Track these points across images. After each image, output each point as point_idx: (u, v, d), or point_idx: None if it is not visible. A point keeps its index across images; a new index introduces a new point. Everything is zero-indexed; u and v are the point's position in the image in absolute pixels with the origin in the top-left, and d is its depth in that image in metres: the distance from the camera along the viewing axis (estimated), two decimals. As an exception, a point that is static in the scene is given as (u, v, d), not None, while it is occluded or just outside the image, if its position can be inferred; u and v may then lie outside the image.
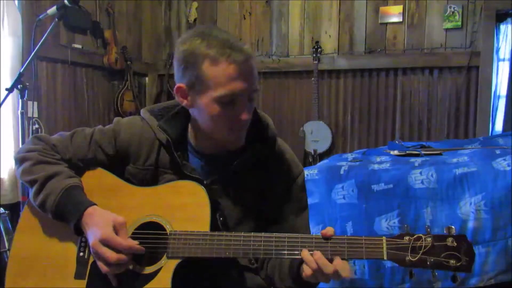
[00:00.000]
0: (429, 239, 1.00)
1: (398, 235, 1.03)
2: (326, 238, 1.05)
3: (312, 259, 1.03)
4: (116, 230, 1.11)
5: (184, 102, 1.17)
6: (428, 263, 0.99)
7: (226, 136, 1.17)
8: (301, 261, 1.08)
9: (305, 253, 1.05)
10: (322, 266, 1.02)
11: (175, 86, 1.17)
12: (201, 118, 1.17)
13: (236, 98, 1.11)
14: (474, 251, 0.99)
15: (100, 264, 1.10)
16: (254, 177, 1.23)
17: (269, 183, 1.24)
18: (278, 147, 1.28)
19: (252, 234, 1.09)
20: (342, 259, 1.04)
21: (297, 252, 1.06)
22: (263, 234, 1.09)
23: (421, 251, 0.99)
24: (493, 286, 1.93)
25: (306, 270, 1.05)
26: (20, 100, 2.34)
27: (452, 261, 0.98)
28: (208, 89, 1.10)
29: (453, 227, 1.01)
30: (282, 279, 1.21)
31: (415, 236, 1.01)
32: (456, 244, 0.99)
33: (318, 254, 1.04)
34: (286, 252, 1.07)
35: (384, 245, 1.02)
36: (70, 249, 1.20)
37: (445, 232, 1.01)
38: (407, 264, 1.00)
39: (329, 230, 1.06)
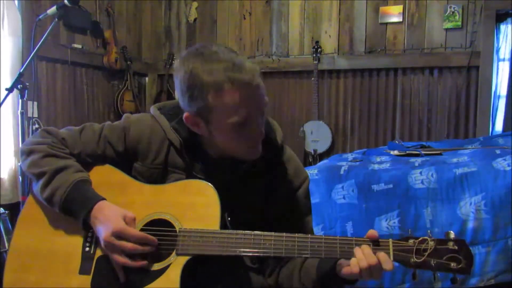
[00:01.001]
0: (432, 242, 1.03)
1: (403, 238, 1.06)
2: (374, 240, 1.06)
3: (363, 257, 1.03)
4: (126, 224, 1.11)
5: (196, 129, 1.17)
6: (432, 264, 1.02)
7: (244, 152, 1.18)
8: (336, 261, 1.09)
9: (358, 251, 1.05)
10: (370, 261, 1.02)
11: (184, 116, 1.16)
12: (217, 140, 1.17)
13: (249, 120, 1.11)
14: (473, 255, 1.03)
15: (115, 257, 1.10)
16: (259, 181, 1.24)
17: (274, 187, 1.25)
18: (286, 154, 1.29)
19: (263, 233, 1.09)
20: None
21: (306, 252, 1.07)
22: (273, 234, 1.09)
23: (426, 253, 1.03)
24: (493, 286, 1.93)
25: (353, 267, 1.04)
26: (20, 100, 2.34)
27: (453, 264, 1.02)
28: (219, 119, 1.10)
29: (451, 231, 1.05)
30: (306, 282, 1.20)
31: (419, 239, 1.04)
32: (457, 247, 1.03)
33: (367, 249, 1.04)
34: (296, 251, 1.07)
35: (391, 246, 1.05)
36: (75, 244, 1.18)
37: (445, 237, 1.04)
38: (412, 266, 1.03)
39: (374, 233, 1.07)
